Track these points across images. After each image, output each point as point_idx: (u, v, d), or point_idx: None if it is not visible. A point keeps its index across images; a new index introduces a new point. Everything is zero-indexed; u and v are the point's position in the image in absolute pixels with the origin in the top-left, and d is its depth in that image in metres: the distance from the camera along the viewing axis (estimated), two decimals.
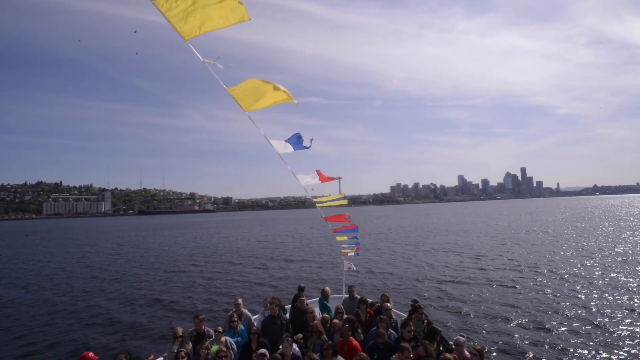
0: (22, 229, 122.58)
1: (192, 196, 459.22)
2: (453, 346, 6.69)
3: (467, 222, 75.07)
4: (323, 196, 9.31)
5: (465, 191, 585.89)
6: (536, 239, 39.61)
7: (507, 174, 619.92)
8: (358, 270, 14.04)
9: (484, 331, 13.32)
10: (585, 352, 11.10)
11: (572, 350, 11.30)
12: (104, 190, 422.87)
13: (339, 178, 7.65)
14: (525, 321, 14.04)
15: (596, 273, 21.72)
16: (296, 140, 6.41)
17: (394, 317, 8.16)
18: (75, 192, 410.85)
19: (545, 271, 22.65)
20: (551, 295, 17.37)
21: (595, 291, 17.87)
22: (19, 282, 26.82)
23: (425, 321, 7.63)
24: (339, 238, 10.64)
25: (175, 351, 6.24)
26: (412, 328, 7.00)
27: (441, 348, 6.66)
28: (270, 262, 32.51)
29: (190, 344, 6.95)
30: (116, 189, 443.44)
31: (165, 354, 7.15)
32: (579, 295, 17.16)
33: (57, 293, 22.47)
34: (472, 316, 15.15)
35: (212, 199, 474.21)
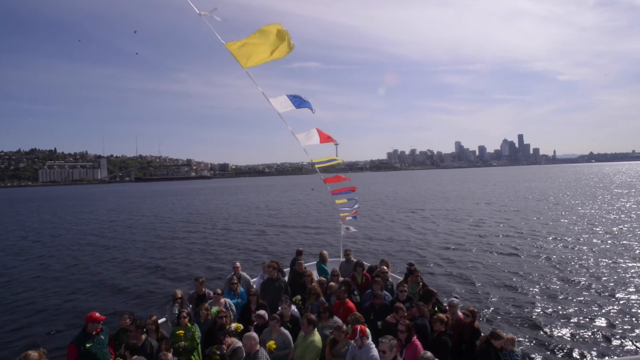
0: (18, 197, 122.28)
1: (188, 163, 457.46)
2: (447, 307, 6.91)
3: (465, 189, 75.34)
4: (321, 157, 9.19)
5: (462, 158, 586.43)
6: (534, 206, 39.84)
7: (505, 140, 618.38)
8: (356, 236, 14.17)
9: (479, 295, 13.65)
10: (582, 316, 11.33)
11: (568, 314, 11.52)
12: (99, 157, 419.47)
13: (335, 140, 7.52)
14: (522, 286, 14.26)
15: (595, 240, 21.84)
16: (297, 99, 6.18)
17: (390, 279, 8.39)
18: (71, 159, 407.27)
19: (544, 238, 22.78)
20: (549, 262, 17.53)
21: (592, 257, 18.04)
22: (18, 249, 26.90)
23: (421, 284, 7.83)
24: (337, 201, 10.65)
25: (176, 312, 6.41)
26: (407, 290, 7.18)
27: (436, 309, 6.87)
28: (268, 228, 32.92)
29: (190, 305, 7.15)
30: (112, 156, 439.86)
31: (167, 315, 7.36)
32: (578, 261, 17.34)
33: (57, 260, 22.64)
34: (468, 280, 15.48)
35: (209, 166, 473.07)
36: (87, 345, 5.74)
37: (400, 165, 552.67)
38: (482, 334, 6.15)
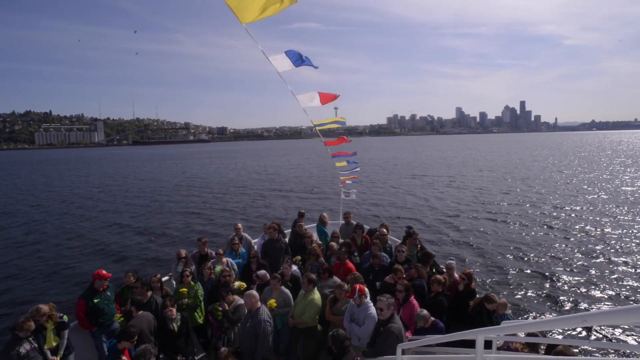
0: (15, 160, 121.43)
1: (186, 126, 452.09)
2: (444, 269, 7.08)
3: (466, 155, 74.89)
4: (322, 120, 9.03)
5: (462, 124, 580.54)
6: (536, 174, 39.65)
7: (506, 107, 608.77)
8: (356, 200, 14.18)
9: (476, 259, 13.92)
10: (578, 282, 11.64)
11: (565, 281, 11.79)
12: (95, 120, 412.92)
13: (338, 96, 7.32)
14: (520, 253, 14.43)
15: (597, 208, 21.86)
16: (297, 56, 5.96)
17: (388, 242, 8.54)
18: (67, 122, 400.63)
19: (546, 206, 22.76)
20: (550, 230, 17.59)
21: (593, 224, 18.15)
22: (17, 214, 26.93)
23: (419, 246, 7.98)
24: (338, 164, 10.60)
25: (180, 271, 6.56)
26: (406, 252, 7.32)
27: (433, 271, 7.03)
28: (268, 192, 33.11)
29: (194, 264, 7.32)
30: (108, 118, 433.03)
31: (171, 274, 7.56)
32: (578, 229, 17.43)
33: (58, 225, 22.83)
34: (466, 245, 15.72)
35: (207, 129, 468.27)
36: (95, 300, 5.95)
37: (400, 130, 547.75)
38: (478, 296, 6.33)
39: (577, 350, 5.12)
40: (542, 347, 4.94)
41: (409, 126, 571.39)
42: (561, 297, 10.68)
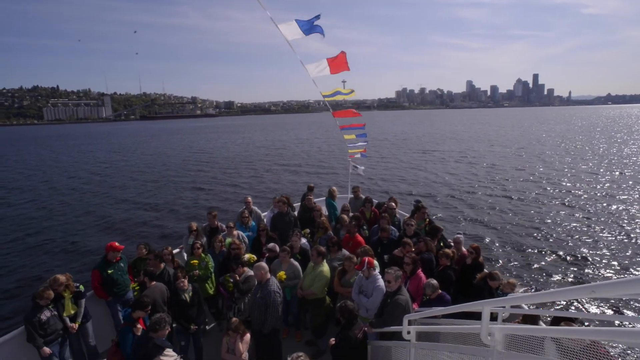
0: (25, 135, 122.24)
1: (193, 100, 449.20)
2: (452, 243, 7.09)
3: (477, 130, 73.46)
4: (330, 91, 8.84)
5: (472, 98, 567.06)
6: (551, 149, 38.83)
7: (518, 80, 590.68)
8: (365, 175, 14.11)
9: (485, 236, 13.89)
10: (594, 263, 11.55)
11: (577, 259, 11.75)
12: (102, 94, 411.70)
13: (347, 65, 7.12)
14: (533, 231, 14.30)
15: (613, 185, 21.42)
16: (307, 24, 5.77)
17: (397, 216, 8.55)
18: (74, 97, 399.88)
19: (560, 184, 22.34)
20: (564, 208, 17.25)
21: (608, 201, 17.87)
22: (30, 190, 27.43)
23: (427, 220, 7.97)
24: (346, 136, 10.45)
25: (191, 243, 6.68)
26: (414, 225, 7.32)
27: (441, 244, 7.05)
28: (277, 166, 33.18)
29: (205, 237, 7.44)
30: (115, 93, 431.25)
31: (182, 246, 7.71)
32: (593, 208, 17.08)
33: (69, 200, 23.27)
34: (475, 221, 15.69)
35: (214, 103, 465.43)
36: (109, 271, 6.14)
37: (409, 104, 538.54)
38: (485, 270, 6.35)
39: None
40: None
41: (418, 100, 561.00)
42: (570, 273, 10.72)
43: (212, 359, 5.90)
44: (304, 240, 7.11)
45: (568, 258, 11.76)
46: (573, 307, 8.77)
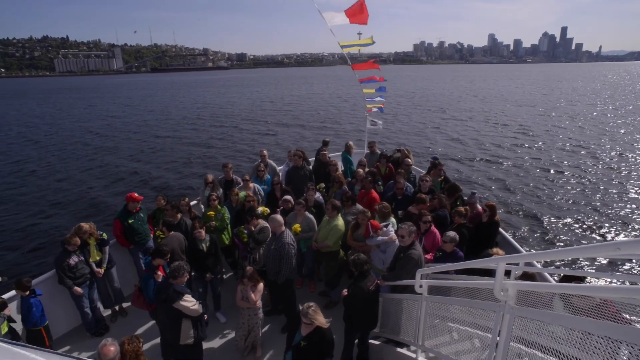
0: (37, 87, 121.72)
1: (205, 52, 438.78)
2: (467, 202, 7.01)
3: (502, 87, 69.56)
4: (349, 41, 8.42)
5: (494, 52, 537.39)
6: (582, 110, 36.69)
7: (545, 34, 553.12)
8: (382, 132, 13.79)
9: (507, 197, 13.66)
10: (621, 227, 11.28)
11: (602, 221, 11.51)
12: (113, 46, 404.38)
13: (366, 16, 6.72)
14: (557, 193, 13.91)
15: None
16: None
17: (412, 172, 8.44)
18: (84, 47, 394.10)
19: (591, 149, 21.05)
20: (592, 175, 16.38)
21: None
22: (42, 142, 27.74)
23: (443, 177, 7.86)
24: (365, 90, 10.14)
25: (207, 195, 6.79)
26: (430, 182, 7.23)
27: (457, 203, 6.97)
28: (291, 121, 32.81)
29: (221, 189, 7.52)
30: (126, 44, 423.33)
31: (199, 198, 7.85)
32: (621, 170, 16.44)
33: (88, 155, 23.52)
34: (496, 182, 15.34)
35: (226, 56, 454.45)
36: (130, 221, 6.34)
37: (427, 58, 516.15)
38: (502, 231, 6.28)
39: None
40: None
41: (437, 54, 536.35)
42: (593, 234, 10.60)
43: (230, 306, 6.21)
44: (318, 194, 7.12)
45: (589, 221, 11.62)
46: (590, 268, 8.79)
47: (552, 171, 16.66)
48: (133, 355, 3.60)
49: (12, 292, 5.21)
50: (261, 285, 5.32)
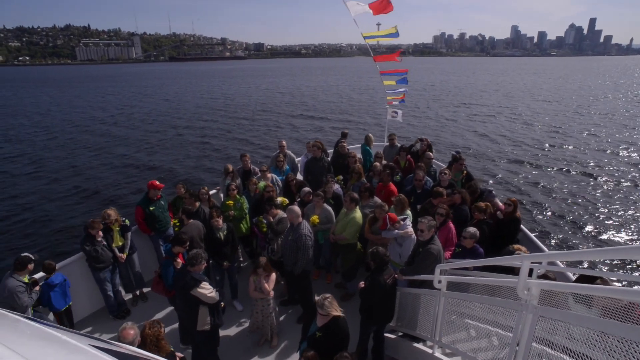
0: (57, 76, 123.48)
1: (223, 42, 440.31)
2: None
3: (528, 82, 66.14)
4: (372, 31, 8.25)
5: (516, 45, 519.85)
6: (611, 105, 34.85)
7: (571, 25, 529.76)
8: (403, 125, 13.55)
9: (530, 195, 13.28)
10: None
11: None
12: (132, 34, 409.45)
13: (391, 9, 6.57)
14: (583, 195, 13.32)
15: None
16: None
17: (433, 166, 8.31)
18: (104, 36, 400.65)
19: (622, 147, 20.00)
20: (619, 172, 15.71)
21: None
22: (73, 134, 28.21)
23: (465, 172, 7.70)
24: (386, 82, 9.96)
25: (227, 184, 6.84)
26: (450, 176, 7.10)
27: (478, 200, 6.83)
28: (310, 112, 32.73)
29: (239, 178, 7.57)
30: (145, 33, 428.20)
31: (218, 187, 7.92)
32: None
33: (109, 145, 23.85)
34: (521, 180, 14.90)
35: (244, 45, 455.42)
36: (151, 208, 6.46)
37: (447, 50, 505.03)
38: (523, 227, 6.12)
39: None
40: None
41: (457, 46, 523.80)
42: (616, 236, 10.28)
43: (246, 295, 6.28)
44: (336, 186, 7.09)
45: (614, 222, 11.25)
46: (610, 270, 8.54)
47: (577, 170, 16.12)
48: (153, 339, 3.67)
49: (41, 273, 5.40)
50: (274, 275, 5.35)
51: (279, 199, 6.63)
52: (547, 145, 20.51)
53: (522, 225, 6.36)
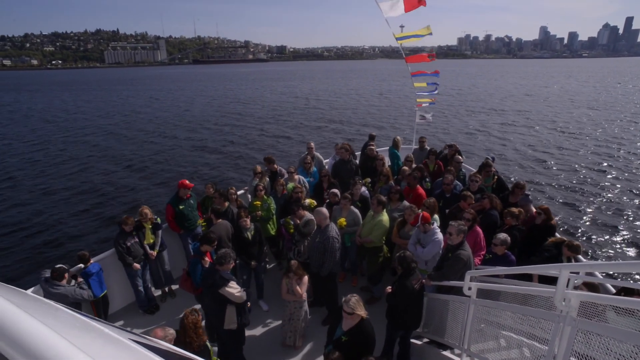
0: (89, 79, 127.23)
1: (246, 44, 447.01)
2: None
3: (564, 85, 62.19)
4: (404, 32, 8.16)
5: (545, 46, 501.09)
6: None
7: (606, 25, 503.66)
8: (433, 123, 13.21)
9: (565, 205, 12.78)
10: None
11: None
12: (158, 38, 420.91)
13: (424, 4, 6.47)
14: (620, 208, 12.73)
15: None
16: None
17: (462, 170, 8.16)
18: (132, 40, 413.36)
19: None
20: None
21: None
22: (108, 134, 28.95)
23: (495, 178, 7.50)
24: (416, 84, 9.87)
25: (255, 185, 6.93)
26: (480, 182, 6.94)
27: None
28: (338, 113, 32.68)
29: (268, 179, 7.65)
30: (170, 37, 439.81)
31: (246, 188, 8.02)
32: None
33: (141, 145, 24.36)
34: (560, 187, 14.42)
35: (267, 48, 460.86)
36: (181, 207, 6.61)
37: (472, 52, 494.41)
38: (559, 236, 5.90)
39: None
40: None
41: (482, 48, 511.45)
42: None
43: (272, 295, 6.34)
44: (364, 189, 7.05)
45: None
46: None
47: (620, 178, 15.44)
48: (192, 326, 3.76)
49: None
50: (306, 278, 5.37)
51: (307, 201, 6.65)
52: (585, 151, 19.75)
53: (557, 234, 6.12)
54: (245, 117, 33.34)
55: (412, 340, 5.22)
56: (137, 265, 6.01)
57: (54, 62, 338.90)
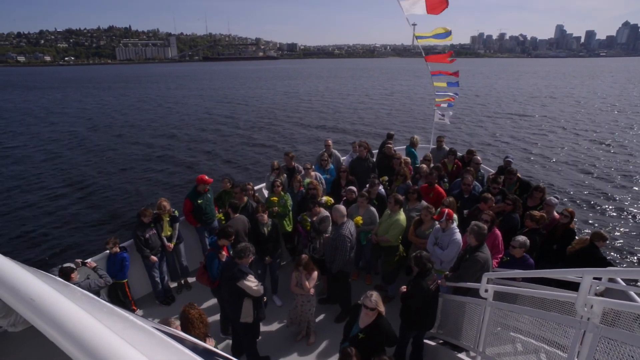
0: (99, 75, 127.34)
1: (257, 42, 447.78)
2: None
3: (589, 86, 59.35)
4: (424, 32, 8.08)
5: (560, 45, 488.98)
6: None
7: (625, 23, 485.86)
8: (448, 125, 13.07)
9: (587, 207, 12.58)
10: None
11: None
12: (169, 35, 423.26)
13: (446, 7, 6.39)
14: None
15: None
16: None
17: (481, 170, 8.07)
18: (144, 37, 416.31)
19: None
20: None
21: None
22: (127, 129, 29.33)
23: (518, 183, 7.35)
24: (436, 83, 9.79)
25: (272, 181, 6.96)
26: (501, 184, 6.84)
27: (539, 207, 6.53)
28: (356, 112, 32.48)
29: (285, 175, 7.67)
30: (182, 34, 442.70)
31: (264, 183, 8.06)
32: None
33: (158, 141, 24.50)
34: (584, 191, 14.18)
35: (277, 45, 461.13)
36: (199, 201, 6.68)
37: (485, 51, 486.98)
38: (582, 236, 5.80)
39: None
40: None
41: (496, 47, 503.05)
42: None
43: (286, 291, 6.37)
44: (381, 187, 7.02)
45: None
46: None
47: None
48: (198, 316, 3.79)
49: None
50: (315, 273, 5.38)
51: (324, 199, 6.66)
52: (612, 154, 19.31)
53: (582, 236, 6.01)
54: (259, 115, 33.34)
55: (426, 341, 5.19)
56: (154, 258, 6.10)
57: (66, 58, 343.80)
